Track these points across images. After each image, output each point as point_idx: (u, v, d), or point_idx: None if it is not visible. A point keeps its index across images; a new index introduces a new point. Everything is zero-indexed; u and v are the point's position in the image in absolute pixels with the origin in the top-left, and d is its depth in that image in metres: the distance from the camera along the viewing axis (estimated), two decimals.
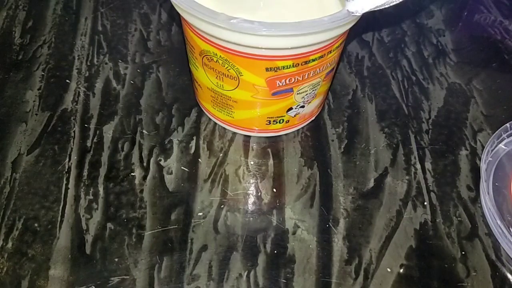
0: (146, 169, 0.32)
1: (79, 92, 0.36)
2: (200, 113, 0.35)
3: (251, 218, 0.30)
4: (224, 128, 0.35)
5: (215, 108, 0.33)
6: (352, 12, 0.26)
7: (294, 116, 0.33)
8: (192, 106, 0.36)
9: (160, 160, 0.33)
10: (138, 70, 0.38)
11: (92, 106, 0.35)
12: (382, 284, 0.28)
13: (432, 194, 0.32)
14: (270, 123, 0.33)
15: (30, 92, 0.36)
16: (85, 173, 0.32)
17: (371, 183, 0.33)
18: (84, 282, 0.27)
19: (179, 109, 0.36)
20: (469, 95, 0.38)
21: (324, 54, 0.29)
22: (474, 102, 0.38)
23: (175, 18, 0.42)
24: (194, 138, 0.34)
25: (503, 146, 0.34)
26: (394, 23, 0.43)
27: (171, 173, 0.32)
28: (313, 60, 0.29)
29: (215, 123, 0.35)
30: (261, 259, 0.29)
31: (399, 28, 0.43)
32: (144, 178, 0.32)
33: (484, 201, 0.31)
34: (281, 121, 0.33)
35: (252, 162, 0.33)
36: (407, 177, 0.33)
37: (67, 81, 0.37)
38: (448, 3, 0.45)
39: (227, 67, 0.29)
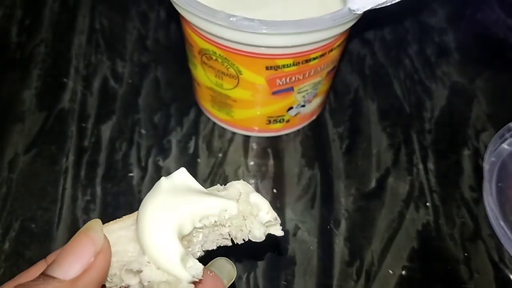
0: (144, 170, 0.32)
1: (76, 91, 0.36)
2: (199, 112, 0.35)
3: None
4: (224, 128, 0.34)
5: (214, 108, 0.33)
6: (354, 10, 0.26)
7: (295, 115, 0.33)
8: (191, 105, 0.35)
9: (159, 160, 0.32)
10: (136, 69, 0.38)
11: (89, 105, 0.35)
12: (383, 286, 0.28)
13: (435, 195, 0.32)
14: (270, 123, 0.33)
15: (27, 91, 0.36)
16: (83, 173, 0.32)
17: (373, 184, 0.32)
18: None
19: (177, 109, 0.35)
20: (472, 94, 0.38)
21: (325, 53, 0.29)
22: (477, 102, 0.37)
23: (174, 16, 0.42)
24: (193, 138, 0.34)
25: (506, 146, 0.34)
26: (396, 21, 0.43)
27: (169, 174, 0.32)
28: (314, 59, 0.28)
29: (215, 123, 0.35)
30: (261, 260, 0.28)
31: (401, 27, 0.43)
32: (142, 178, 0.31)
33: (487, 202, 0.31)
34: (282, 120, 0.33)
35: (252, 163, 0.33)
36: (409, 178, 0.33)
37: (65, 80, 0.37)
38: (451, 2, 0.45)
39: (227, 65, 0.29)
